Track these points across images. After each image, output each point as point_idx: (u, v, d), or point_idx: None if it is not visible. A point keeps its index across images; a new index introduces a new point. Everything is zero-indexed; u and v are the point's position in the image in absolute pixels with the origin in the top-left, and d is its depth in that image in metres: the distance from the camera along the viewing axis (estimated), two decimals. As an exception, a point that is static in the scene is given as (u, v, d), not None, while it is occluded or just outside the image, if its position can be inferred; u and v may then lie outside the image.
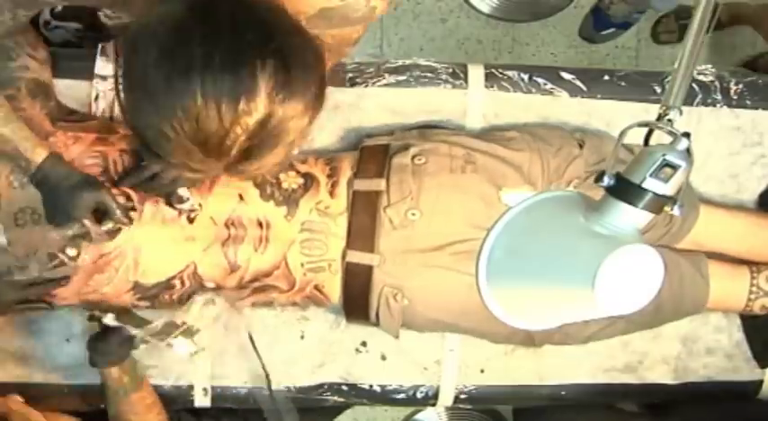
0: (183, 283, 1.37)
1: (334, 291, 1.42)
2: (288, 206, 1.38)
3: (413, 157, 1.39)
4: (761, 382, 1.66)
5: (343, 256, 1.38)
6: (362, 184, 1.39)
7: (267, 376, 1.53)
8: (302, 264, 1.39)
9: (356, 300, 1.42)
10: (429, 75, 1.56)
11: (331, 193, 1.39)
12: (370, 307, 1.41)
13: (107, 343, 1.35)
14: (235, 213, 1.36)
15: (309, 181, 1.40)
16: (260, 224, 1.37)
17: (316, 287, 1.41)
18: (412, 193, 1.36)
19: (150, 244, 1.34)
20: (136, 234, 1.32)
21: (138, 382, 1.40)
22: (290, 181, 1.39)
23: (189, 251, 1.35)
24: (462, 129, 1.56)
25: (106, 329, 1.35)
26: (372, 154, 1.43)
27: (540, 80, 1.57)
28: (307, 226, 1.38)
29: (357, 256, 1.37)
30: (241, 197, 1.37)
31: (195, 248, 1.35)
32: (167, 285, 1.37)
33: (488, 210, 1.34)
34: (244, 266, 1.37)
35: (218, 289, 1.39)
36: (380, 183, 1.38)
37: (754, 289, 1.52)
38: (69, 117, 1.40)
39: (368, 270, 1.37)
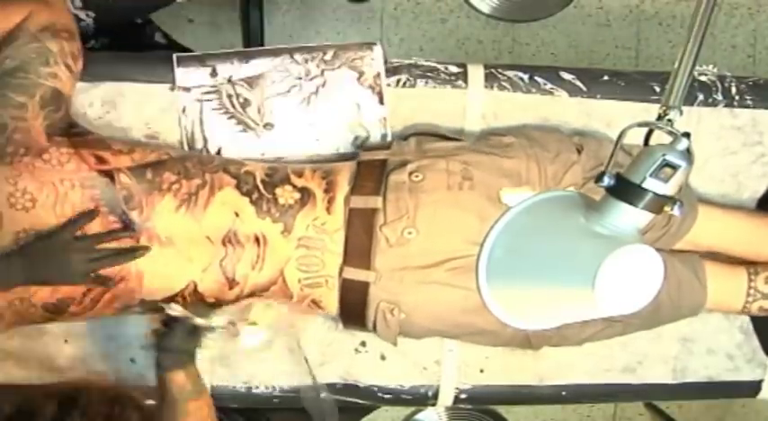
0: (184, 300, 1.37)
1: (332, 304, 1.42)
2: (284, 223, 1.37)
3: (410, 174, 1.38)
4: (761, 382, 1.66)
5: (340, 273, 1.38)
6: (359, 202, 1.38)
7: (314, 379, 1.52)
8: (299, 280, 1.38)
9: (353, 314, 1.42)
10: (429, 75, 1.56)
11: (327, 210, 1.38)
12: (367, 319, 1.41)
13: (172, 336, 1.28)
14: (231, 231, 1.36)
15: (306, 196, 1.38)
16: (257, 240, 1.36)
17: (313, 301, 1.41)
18: (408, 212, 1.35)
19: (151, 267, 1.33)
20: (137, 259, 1.32)
21: (199, 391, 1.32)
22: (287, 196, 1.38)
23: (188, 271, 1.35)
24: (461, 130, 1.56)
25: (170, 320, 1.29)
26: (369, 169, 1.41)
27: (539, 80, 1.57)
28: (303, 242, 1.37)
29: (353, 273, 1.37)
30: (237, 214, 1.36)
31: (194, 268, 1.35)
32: (170, 301, 1.36)
33: (485, 226, 1.33)
34: (242, 283, 1.37)
35: (216, 303, 1.39)
36: (377, 201, 1.37)
37: (752, 291, 1.52)
38: (69, 131, 1.37)
39: (364, 286, 1.37)
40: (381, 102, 1.52)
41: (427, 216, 1.35)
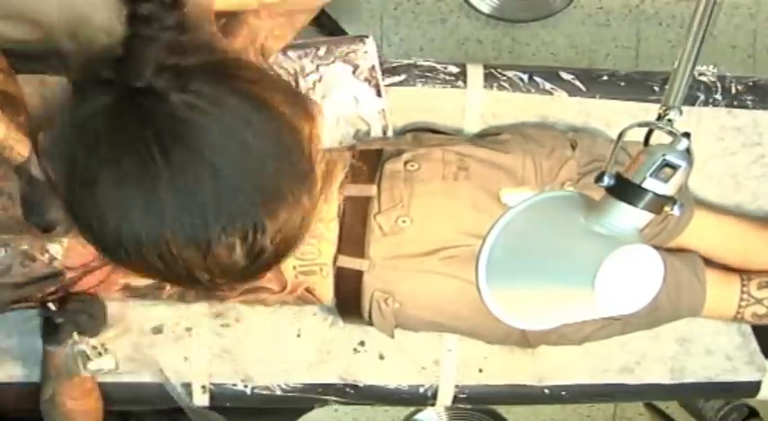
0: (171, 285, 1.37)
1: (326, 293, 1.42)
2: None
3: (405, 163, 1.39)
4: (759, 383, 1.66)
5: (335, 261, 1.38)
6: (353, 190, 1.38)
7: (190, 405, 1.54)
8: (294, 267, 1.38)
9: (348, 303, 1.42)
10: (428, 75, 1.56)
11: (323, 198, 1.38)
12: (363, 309, 1.41)
13: (44, 329, 1.38)
14: None
15: None
16: None
17: (307, 289, 1.41)
18: (403, 201, 1.36)
19: None
20: None
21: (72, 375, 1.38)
22: None
23: None
24: (460, 130, 1.56)
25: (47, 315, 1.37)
26: (365, 158, 1.42)
27: (539, 80, 1.57)
28: None
29: (348, 261, 1.37)
30: None
31: None
32: (158, 286, 1.37)
33: (480, 216, 1.34)
34: None
35: (206, 289, 1.38)
36: (371, 189, 1.37)
37: (745, 296, 1.52)
38: None
39: (358, 275, 1.37)
40: (379, 94, 1.52)
41: (422, 205, 1.36)
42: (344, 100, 1.52)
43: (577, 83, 1.58)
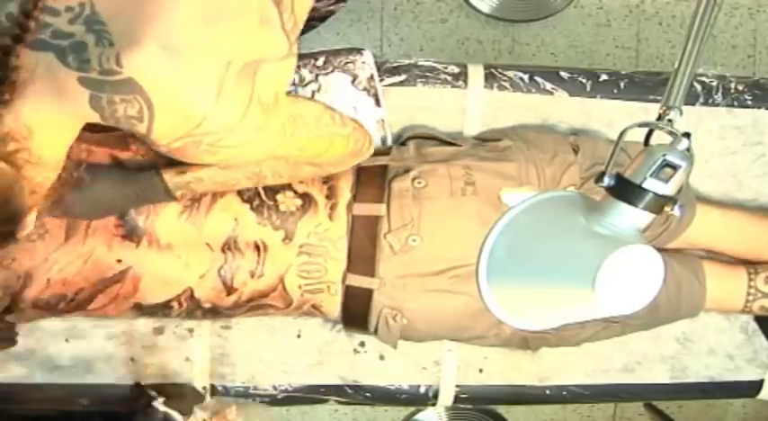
0: (180, 305, 1.37)
1: (333, 309, 1.42)
2: (285, 230, 1.36)
3: (413, 180, 1.38)
4: (761, 382, 1.66)
5: (344, 279, 1.38)
6: (362, 209, 1.38)
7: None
8: (299, 286, 1.38)
9: (355, 318, 1.43)
10: (429, 75, 1.56)
11: (330, 216, 1.38)
12: (369, 323, 1.42)
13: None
14: (231, 239, 1.35)
15: (308, 202, 1.38)
16: (257, 248, 1.36)
17: (314, 306, 1.41)
18: (413, 220, 1.35)
19: (148, 272, 1.33)
20: (134, 262, 1.32)
21: None
22: (288, 203, 1.37)
23: (185, 277, 1.35)
24: (461, 131, 1.56)
25: (151, 409, 1.36)
26: (371, 176, 1.41)
27: (539, 80, 1.57)
28: (305, 249, 1.37)
29: (357, 280, 1.37)
30: (236, 221, 1.35)
31: (192, 275, 1.35)
32: (165, 306, 1.37)
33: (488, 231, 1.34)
34: (240, 289, 1.37)
35: (214, 307, 1.39)
36: (380, 208, 1.37)
37: (752, 291, 1.52)
38: (95, 126, 1.37)
39: (368, 293, 1.37)
40: (378, 103, 1.52)
41: (431, 223, 1.35)
42: (343, 110, 1.51)
43: (578, 83, 1.58)
